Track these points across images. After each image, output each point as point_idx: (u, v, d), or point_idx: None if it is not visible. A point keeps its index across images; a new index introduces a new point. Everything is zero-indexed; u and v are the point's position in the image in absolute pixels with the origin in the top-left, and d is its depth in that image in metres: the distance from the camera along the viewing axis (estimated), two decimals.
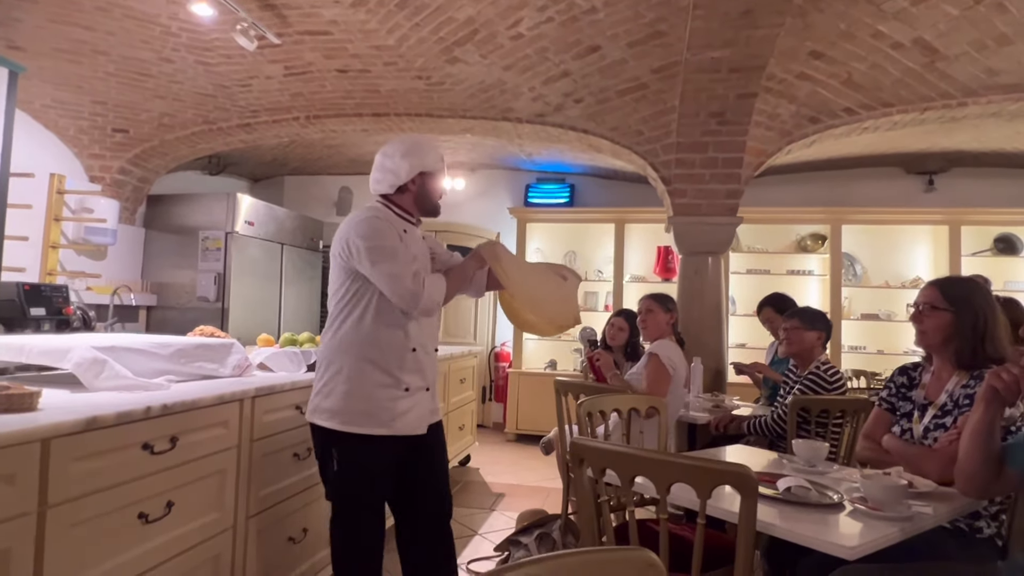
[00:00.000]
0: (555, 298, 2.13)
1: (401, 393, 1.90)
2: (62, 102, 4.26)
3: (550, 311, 2.11)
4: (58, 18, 3.43)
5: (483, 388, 6.44)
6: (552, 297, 2.12)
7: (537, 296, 2.08)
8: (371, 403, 1.86)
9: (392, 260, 1.82)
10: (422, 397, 1.97)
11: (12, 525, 1.21)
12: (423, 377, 1.97)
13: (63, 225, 4.24)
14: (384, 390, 1.88)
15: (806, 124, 3.98)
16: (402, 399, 1.90)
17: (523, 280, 2.06)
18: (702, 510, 1.35)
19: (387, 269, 1.82)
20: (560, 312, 2.13)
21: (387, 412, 1.87)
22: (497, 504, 3.88)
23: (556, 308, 2.13)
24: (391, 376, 1.89)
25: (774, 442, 2.81)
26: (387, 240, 1.84)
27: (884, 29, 3.24)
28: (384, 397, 1.88)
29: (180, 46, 3.73)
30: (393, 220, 1.94)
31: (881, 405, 2.00)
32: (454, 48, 3.65)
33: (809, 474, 1.82)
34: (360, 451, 1.87)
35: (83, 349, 1.74)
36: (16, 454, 1.21)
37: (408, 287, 1.82)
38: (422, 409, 1.97)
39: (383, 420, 1.87)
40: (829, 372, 2.81)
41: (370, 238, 1.83)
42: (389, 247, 1.83)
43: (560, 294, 2.15)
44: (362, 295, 1.89)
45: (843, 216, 5.49)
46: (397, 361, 1.90)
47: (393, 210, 1.98)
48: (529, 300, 2.07)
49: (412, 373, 1.93)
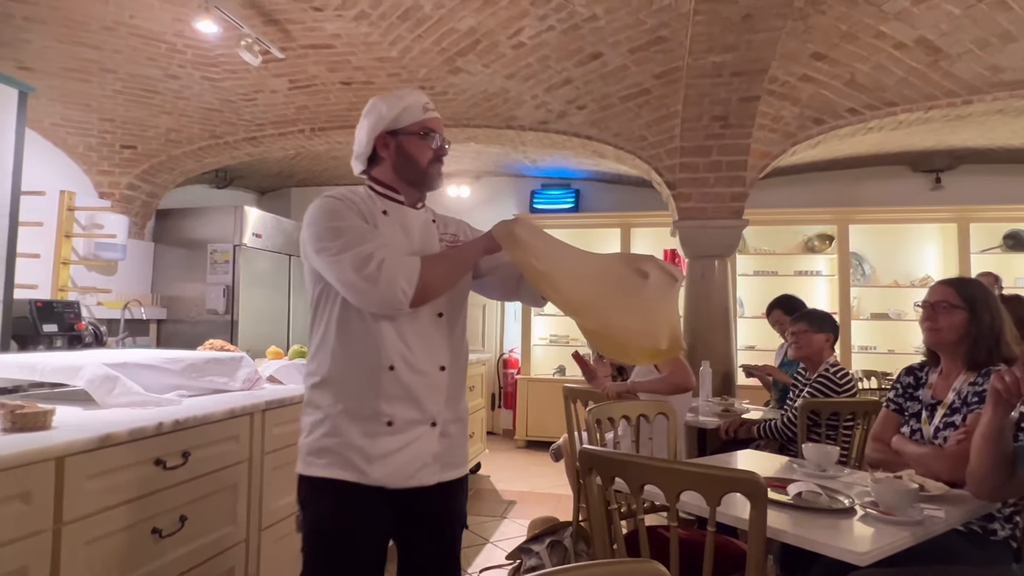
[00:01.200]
0: (621, 306, 1.41)
1: (382, 428, 1.36)
2: (71, 120, 4.31)
3: (617, 324, 1.39)
4: (66, 38, 3.48)
5: (492, 395, 6.45)
6: (616, 304, 1.41)
7: (589, 300, 1.39)
8: (341, 438, 1.37)
9: (336, 239, 1.34)
10: (421, 435, 1.40)
11: (28, 543, 1.22)
12: (419, 407, 1.40)
13: (74, 241, 4.29)
14: (357, 424, 1.37)
15: (810, 126, 3.98)
16: (384, 437, 1.36)
17: (561, 274, 1.39)
18: (712, 518, 1.35)
19: (331, 252, 1.33)
20: (635, 327, 1.39)
21: (359, 452, 1.35)
22: (508, 512, 3.88)
23: (625, 321, 1.39)
24: (366, 405, 1.37)
25: (784, 446, 2.80)
26: (337, 220, 1.37)
27: (886, 29, 3.23)
28: (356, 433, 1.36)
29: (186, 62, 3.78)
30: (362, 200, 1.46)
31: (889, 406, 2.00)
32: (456, 58, 3.68)
33: (820, 479, 1.81)
34: (322, 505, 1.37)
35: (95, 366, 1.76)
36: (32, 472, 1.23)
37: (352, 271, 1.30)
38: (421, 452, 1.40)
39: (352, 462, 1.35)
40: (839, 374, 2.80)
41: (316, 222, 1.38)
42: (335, 227, 1.35)
43: (633, 300, 1.41)
44: (325, 300, 1.43)
45: (850, 216, 5.47)
46: (369, 384, 1.37)
47: (374, 190, 1.51)
48: (575, 304, 1.38)
49: (397, 401, 1.38)
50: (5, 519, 1.18)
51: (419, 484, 1.39)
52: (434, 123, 1.52)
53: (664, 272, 1.44)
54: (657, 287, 1.42)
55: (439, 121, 1.54)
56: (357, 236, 1.34)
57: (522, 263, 1.36)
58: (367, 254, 1.30)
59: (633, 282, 1.41)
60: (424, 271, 1.34)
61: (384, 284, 1.29)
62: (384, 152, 1.50)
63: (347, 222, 1.37)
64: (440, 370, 1.44)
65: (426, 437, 1.41)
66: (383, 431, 1.37)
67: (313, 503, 1.37)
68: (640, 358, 1.60)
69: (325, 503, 1.36)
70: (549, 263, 1.37)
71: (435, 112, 1.54)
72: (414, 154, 1.49)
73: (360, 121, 1.52)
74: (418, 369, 1.40)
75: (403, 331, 1.40)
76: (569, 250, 1.46)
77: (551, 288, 1.36)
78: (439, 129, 1.52)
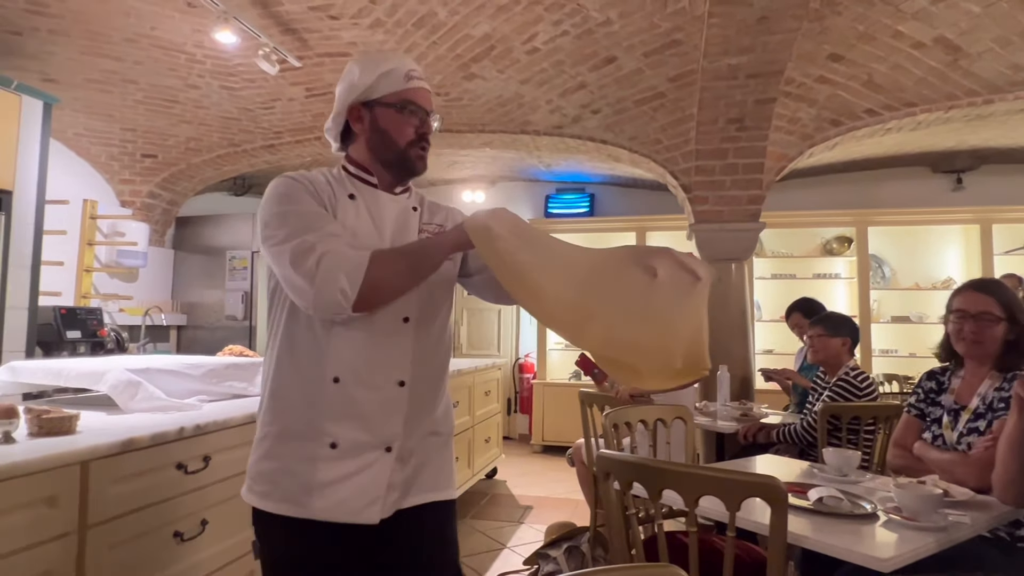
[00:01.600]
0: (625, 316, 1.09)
1: (324, 451, 1.14)
2: (94, 130, 4.40)
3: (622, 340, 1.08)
4: (89, 50, 3.55)
5: (508, 400, 6.44)
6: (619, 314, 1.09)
7: (584, 312, 1.08)
8: (277, 462, 1.17)
9: (281, 226, 1.13)
10: (372, 462, 1.16)
11: (54, 545, 1.24)
12: (368, 428, 1.16)
13: (96, 249, 4.37)
14: (296, 445, 1.16)
15: (827, 127, 3.94)
16: (326, 462, 1.14)
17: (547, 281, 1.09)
18: (731, 523, 1.34)
19: (273, 242, 1.13)
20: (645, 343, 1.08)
21: (297, 480, 1.14)
22: (525, 517, 3.87)
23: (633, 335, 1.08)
24: (306, 423, 1.15)
25: (804, 451, 2.76)
26: (286, 204, 1.16)
27: (904, 29, 3.20)
28: (294, 456, 1.15)
29: (205, 72, 3.84)
30: (325, 182, 1.23)
31: (910, 411, 1.97)
32: (471, 64, 3.70)
33: (841, 484, 1.79)
34: (273, 538, 1.19)
35: (118, 372, 1.79)
36: (57, 476, 1.25)
37: (290, 265, 1.09)
38: (371, 483, 1.15)
39: (290, 492, 1.14)
40: (859, 378, 2.77)
41: (265, 205, 1.17)
42: (282, 212, 1.14)
43: (639, 307, 1.09)
44: (278, 299, 1.22)
45: (869, 218, 5.41)
46: (310, 399, 1.16)
47: (347, 170, 1.28)
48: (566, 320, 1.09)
49: (342, 420, 1.15)
50: (32, 522, 1.21)
51: (367, 521, 1.14)
52: (418, 95, 1.25)
53: (682, 269, 1.11)
54: (671, 288, 1.10)
55: (426, 94, 1.27)
56: (302, 224, 1.12)
57: (496, 267, 1.09)
58: (308, 246, 1.08)
59: (638, 282, 1.10)
60: (372, 269, 1.09)
61: (320, 283, 1.07)
62: (357, 126, 1.26)
63: (296, 207, 1.15)
64: (398, 385, 1.18)
65: (379, 465, 1.16)
66: (325, 455, 1.14)
67: (263, 534, 1.19)
68: (656, 382, 1.11)
69: (275, 536, 1.18)
70: (531, 267, 1.09)
71: (422, 82, 1.27)
72: (390, 131, 1.24)
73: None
74: (369, 383, 1.17)
75: (355, 337, 1.16)
76: (559, 249, 1.17)
77: (534, 300, 1.09)
78: (425, 103, 1.26)
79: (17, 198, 3.07)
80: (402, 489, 1.20)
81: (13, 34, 3.37)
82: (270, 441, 1.18)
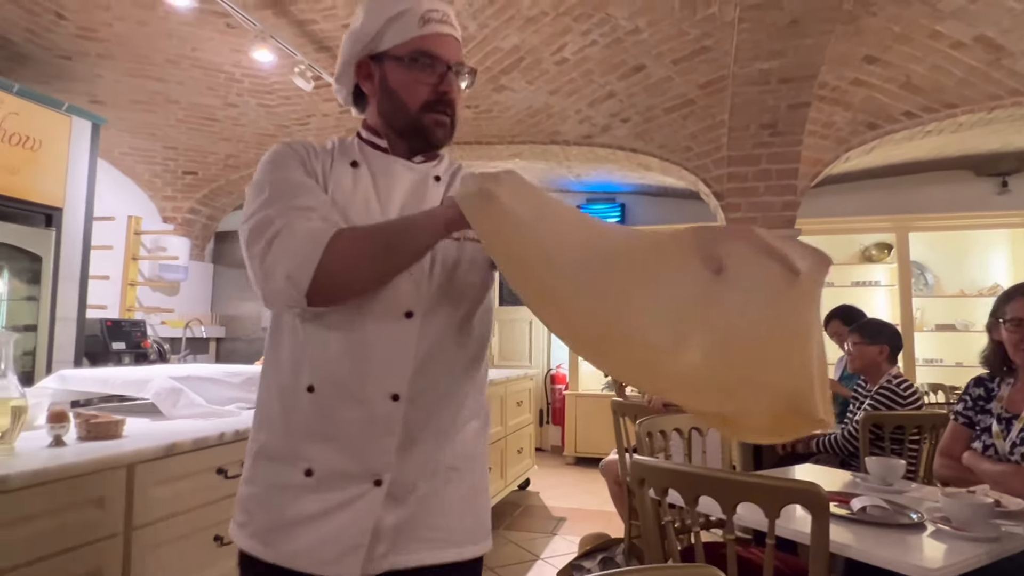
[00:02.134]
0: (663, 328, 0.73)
1: (297, 479, 0.91)
2: (138, 149, 4.57)
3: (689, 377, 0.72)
4: (134, 72, 3.70)
5: (540, 411, 6.42)
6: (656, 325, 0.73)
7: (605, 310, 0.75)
8: (257, 488, 0.95)
9: (256, 197, 0.92)
10: (355, 498, 0.90)
11: (103, 545, 1.28)
12: (351, 453, 0.90)
13: (140, 263, 4.52)
14: (274, 469, 0.93)
15: (864, 130, 3.87)
16: (299, 493, 0.91)
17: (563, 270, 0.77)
18: (771, 531, 1.31)
19: (242, 220, 0.92)
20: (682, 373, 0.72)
21: (269, 513, 0.92)
22: (558, 528, 3.84)
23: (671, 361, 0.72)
24: (282, 441, 0.93)
25: (846, 460, 2.69)
26: (267, 173, 0.94)
27: (942, 29, 3.13)
28: (270, 482, 0.93)
29: (243, 91, 3.96)
30: (324, 149, 1.02)
31: (957, 419, 1.90)
32: (500, 76, 3.73)
33: (885, 493, 1.73)
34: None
35: (161, 379, 1.85)
36: (105, 479, 1.30)
37: (244, 245, 0.90)
38: (351, 526, 0.89)
39: (261, 526, 0.92)
40: (902, 386, 2.68)
41: (254, 177, 0.96)
42: (260, 181, 0.93)
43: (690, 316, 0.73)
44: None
45: (909, 223, 5.26)
46: (285, 411, 0.93)
47: (360, 136, 1.07)
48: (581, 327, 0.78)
49: (318, 441, 0.91)
50: (82, 523, 1.25)
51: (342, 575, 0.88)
52: (436, 43, 0.97)
53: (766, 257, 0.70)
54: (747, 288, 0.70)
55: (448, 41, 0.98)
56: (273, 196, 0.90)
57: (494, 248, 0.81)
58: (266, 222, 0.87)
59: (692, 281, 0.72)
60: (330, 251, 0.84)
61: (268, 267, 0.85)
62: (367, 86, 1.03)
63: (275, 175, 0.93)
64: (391, 399, 0.90)
65: (364, 502, 0.89)
66: (300, 484, 0.90)
67: (242, 573, 0.97)
68: (753, 433, 0.79)
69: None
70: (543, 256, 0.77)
71: (443, 26, 0.98)
72: (399, 92, 0.98)
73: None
74: (351, 395, 0.90)
75: (335, 336, 0.91)
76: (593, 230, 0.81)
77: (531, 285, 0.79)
78: (446, 52, 0.98)
79: (67, 215, 3.20)
80: (395, 538, 0.91)
81: (64, 59, 3.54)
82: (251, 460, 0.97)
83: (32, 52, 3.45)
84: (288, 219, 0.86)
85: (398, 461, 0.91)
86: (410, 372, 0.92)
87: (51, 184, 3.12)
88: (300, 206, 0.89)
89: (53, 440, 1.38)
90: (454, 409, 0.98)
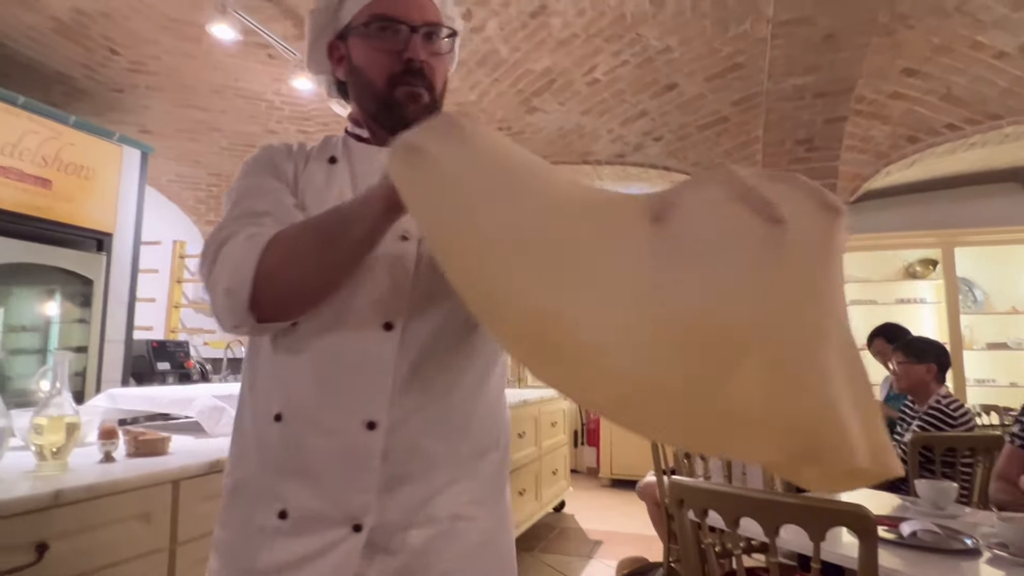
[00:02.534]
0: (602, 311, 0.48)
1: (271, 521, 0.76)
2: (183, 176, 4.75)
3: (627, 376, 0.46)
4: (180, 102, 3.86)
5: (575, 432, 6.36)
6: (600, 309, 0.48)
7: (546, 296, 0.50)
8: (230, 532, 0.81)
9: (224, 211, 0.84)
10: (331, 546, 0.75)
11: (149, 560, 1.32)
12: (324, 493, 0.75)
13: (183, 286, 4.66)
14: (247, 508, 0.79)
15: (904, 144, 3.79)
16: (272, 538, 0.76)
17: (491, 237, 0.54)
18: (816, 555, 1.27)
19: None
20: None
21: (240, 561, 0.78)
22: (595, 552, 3.78)
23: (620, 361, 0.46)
24: (258, 477, 0.79)
25: (894, 484, 2.59)
26: (238, 180, 0.86)
27: (983, 39, 3.06)
28: (243, 523, 0.79)
29: (283, 118, 4.09)
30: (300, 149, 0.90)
31: (1014, 442, 1.82)
32: (532, 98, 3.78)
33: (937, 518, 1.66)
34: None
35: (205, 398, 1.90)
36: (152, 494, 1.33)
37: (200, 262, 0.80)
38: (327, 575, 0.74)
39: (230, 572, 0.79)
40: (952, 406, 2.58)
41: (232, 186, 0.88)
42: (229, 192, 0.85)
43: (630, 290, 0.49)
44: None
45: (955, 238, 5.10)
46: (257, 443, 0.80)
47: (347, 131, 0.93)
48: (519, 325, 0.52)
49: (290, 477, 0.77)
50: (129, 537, 1.28)
51: None
52: (394, 3, 0.82)
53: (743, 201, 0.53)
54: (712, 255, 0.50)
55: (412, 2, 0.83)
56: (234, 204, 0.81)
57: (421, 214, 0.60)
58: (217, 233, 0.78)
59: (631, 244, 0.52)
60: (266, 256, 0.72)
61: (212, 284, 0.75)
62: (340, 71, 0.90)
63: (243, 181, 0.84)
64: (366, 428, 0.75)
65: (340, 551, 0.74)
66: (273, 527, 0.76)
67: None
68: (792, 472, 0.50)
69: None
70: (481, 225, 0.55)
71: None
72: (363, 68, 0.84)
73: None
74: (319, 424, 0.76)
75: (307, 357, 0.78)
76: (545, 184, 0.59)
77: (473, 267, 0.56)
78: (405, 13, 0.82)
79: (117, 240, 3.33)
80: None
81: (116, 92, 3.71)
82: (225, 498, 0.83)
83: (88, 87, 3.64)
84: (236, 228, 0.77)
85: (380, 502, 0.75)
86: (390, 396, 0.76)
87: (103, 211, 3.26)
88: (255, 211, 0.79)
89: (104, 456, 1.43)
90: (454, 440, 0.80)
